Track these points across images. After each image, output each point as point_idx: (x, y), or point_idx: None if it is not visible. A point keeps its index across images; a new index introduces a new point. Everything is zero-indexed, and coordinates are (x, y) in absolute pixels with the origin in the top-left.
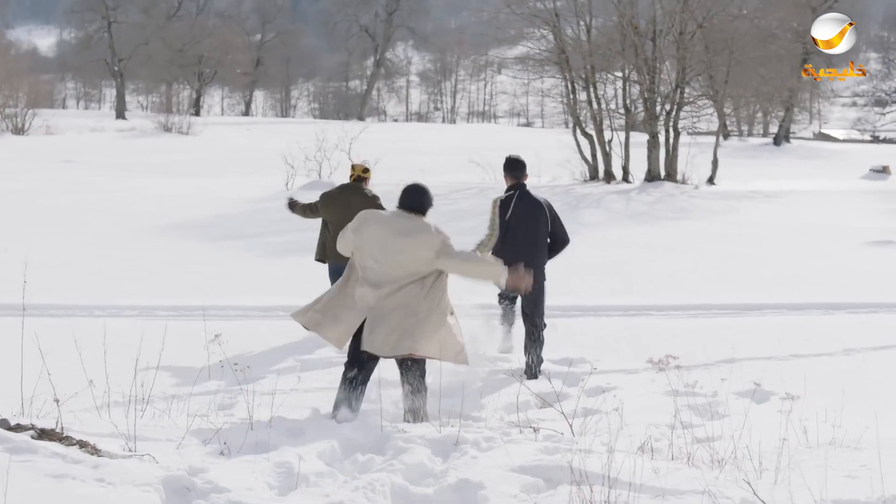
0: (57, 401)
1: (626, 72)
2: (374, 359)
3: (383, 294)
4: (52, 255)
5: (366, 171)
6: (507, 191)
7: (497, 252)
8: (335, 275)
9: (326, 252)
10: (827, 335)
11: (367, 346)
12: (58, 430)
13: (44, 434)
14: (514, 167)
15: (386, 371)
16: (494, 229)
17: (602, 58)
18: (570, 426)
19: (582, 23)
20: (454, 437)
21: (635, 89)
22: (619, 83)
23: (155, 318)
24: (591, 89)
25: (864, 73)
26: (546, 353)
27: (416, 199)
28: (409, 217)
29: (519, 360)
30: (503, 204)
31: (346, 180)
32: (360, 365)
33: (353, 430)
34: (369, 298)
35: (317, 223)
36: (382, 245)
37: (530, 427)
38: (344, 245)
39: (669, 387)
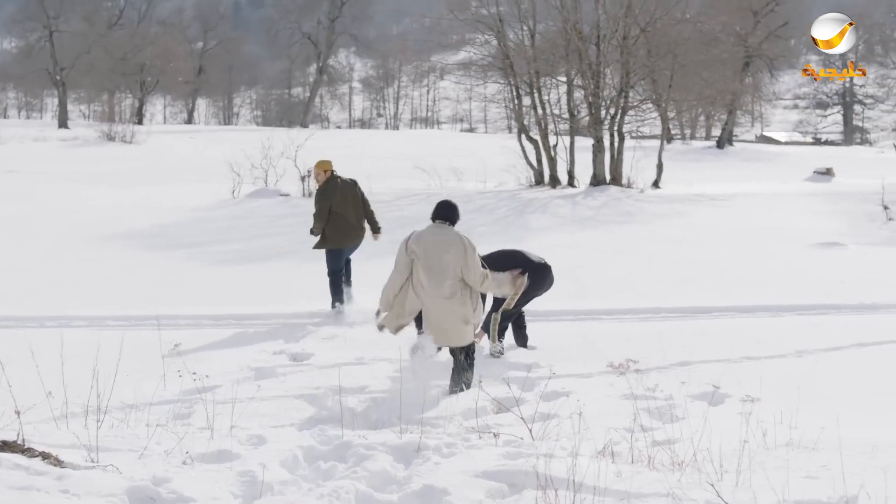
0: (17, 412)
1: (571, 76)
2: None
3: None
4: None
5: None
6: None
7: None
8: (333, 258)
9: (327, 239)
10: (778, 337)
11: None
12: (19, 442)
13: (5, 446)
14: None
15: (345, 380)
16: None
17: (546, 63)
18: (530, 431)
19: (525, 28)
20: (415, 443)
21: (579, 94)
22: (564, 88)
23: (107, 328)
24: (536, 94)
25: (863, 73)
26: (501, 358)
27: (448, 212)
28: (444, 229)
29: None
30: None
31: (313, 175)
32: None
33: (314, 437)
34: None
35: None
36: (429, 254)
37: (490, 432)
38: (400, 259)
39: (626, 390)
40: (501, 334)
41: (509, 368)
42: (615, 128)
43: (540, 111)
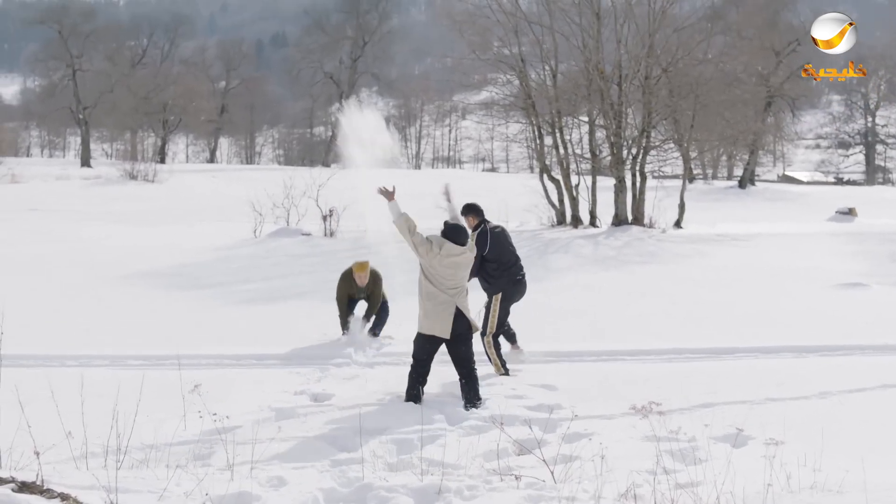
0: (37, 453)
1: (593, 116)
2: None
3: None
4: (21, 305)
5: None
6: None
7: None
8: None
9: None
10: (801, 378)
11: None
12: (38, 483)
13: (24, 487)
14: (478, 209)
15: (366, 421)
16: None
17: (568, 102)
18: (552, 473)
19: (547, 67)
20: (436, 485)
21: (601, 133)
22: (586, 128)
23: (127, 367)
24: (558, 134)
25: (864, 73)
26: (521, 399)
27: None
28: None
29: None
30: (479, 240)
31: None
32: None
33: (334, 479)
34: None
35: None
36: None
37: (512, 474)
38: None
39: (648, 432)
40: (499, 354)
41: (531, 410)
42: (637, 168)
43: (562, 151)
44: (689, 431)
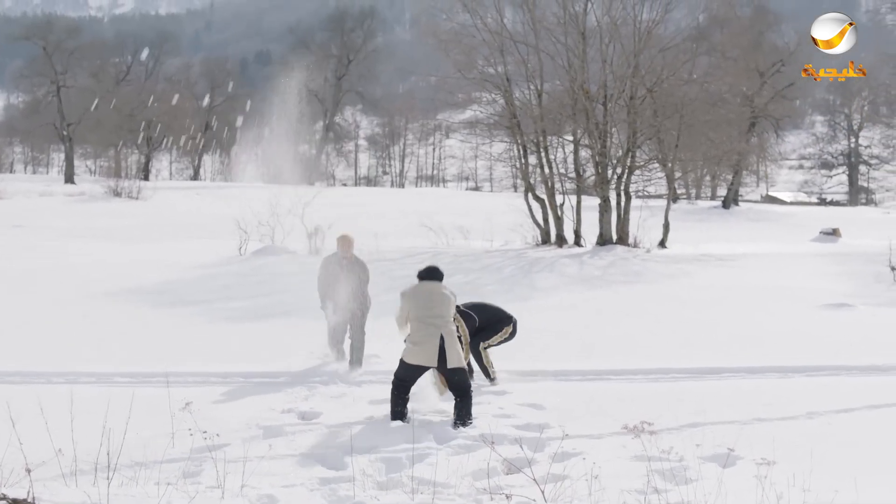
0: (28, 470)
1: (577, 136)
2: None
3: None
4: (7, 321)
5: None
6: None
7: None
8: None
9: None
10: (788, 399)
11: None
12: (29, 500)
13: None
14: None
15: (355, 439)
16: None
17: (553, 122)
18: (542, 492)
19: (532, 87)
20: None
21: (586, 153)
22: (570, 147)
23: (116, 384)
24: (542, 153)
25: (864, 73)
26: (510, 418)
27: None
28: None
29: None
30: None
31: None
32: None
33: (325, 498)
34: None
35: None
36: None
37: (502, 493)
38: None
39: (638, 451)
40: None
41: (519, 429)
42: (622, 187)
43: (546, 170)
44: (679, 451)
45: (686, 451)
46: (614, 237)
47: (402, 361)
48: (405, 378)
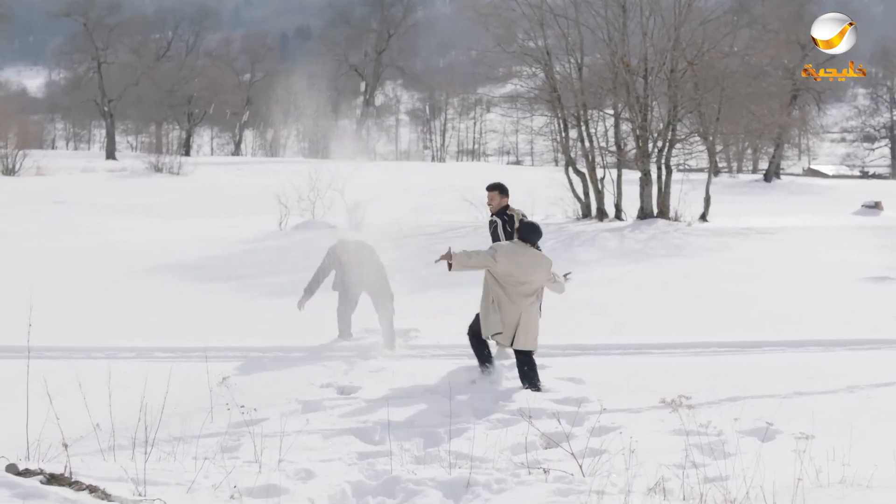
0: (65, 445)
1: (618, 109)
2: None
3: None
4: (47, 297)
5: None
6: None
7: None
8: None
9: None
10: (829, 372)
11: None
12: (66, 475)
13: (53, 479)
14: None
15: (393, 414)
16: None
17: (593, 95)
18: (580, 467)
19: (573, 60)
20: (465, 479)
21: (627, 127)
22: (611, 121)
23: (154, 359)
24: (583, 127)
25: (864, 73)
26: (548, 392)
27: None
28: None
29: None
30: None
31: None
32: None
33: (362, 472)
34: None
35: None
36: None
37: (540, 468)
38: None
39: (676, 425)
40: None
41: (558, 403)
42: (662, 161)
43: (587, 144)
44: (718, 425)
45: (725, 425)
46: (655, 211)
47: (477, 320)
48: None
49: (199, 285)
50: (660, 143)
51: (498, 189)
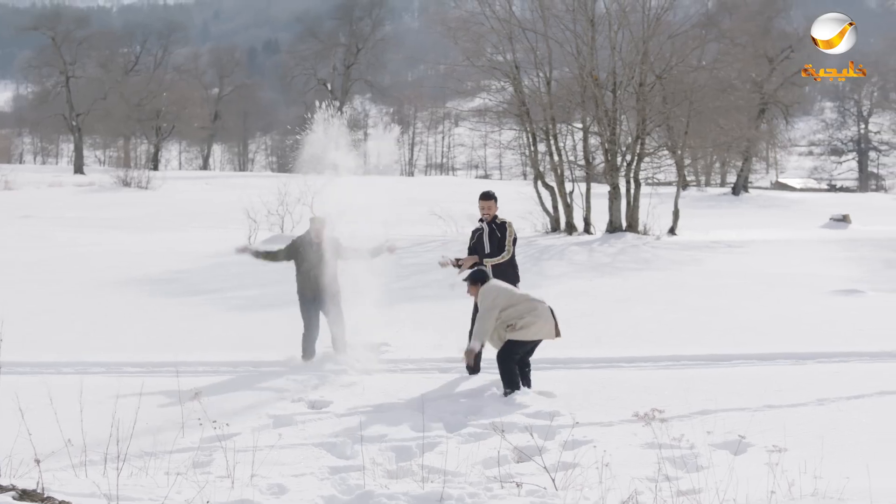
0: (37, 461)
1: (587, 123)
2: None
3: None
4: (17, 312)
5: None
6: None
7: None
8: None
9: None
10: (799, 385)
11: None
12: (38, 491)
13: (25, 495)
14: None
15: (365, 428)
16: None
17: (562, 109)
18: (553, 480)
19: (541, 74)
20: (438, 493)
21: (595, 140)
22: (580, 134)
23: (125, 374)
24: (552, 141)
25: (864, 73)
26: (520, 406)
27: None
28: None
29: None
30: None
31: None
32: None
33: (335, 487)
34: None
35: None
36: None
37: (513, 482)
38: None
39: (648, 439)
40: None
41: (530, 417)
42: (631, 174)
43: (556, 158)
44: (690, 438)
45: (697, 438)
46: (624, 224)
47: (515, 342)
48: (520, 352)
49: (169, 299)
50: (628, 157)
51: (495, 198)
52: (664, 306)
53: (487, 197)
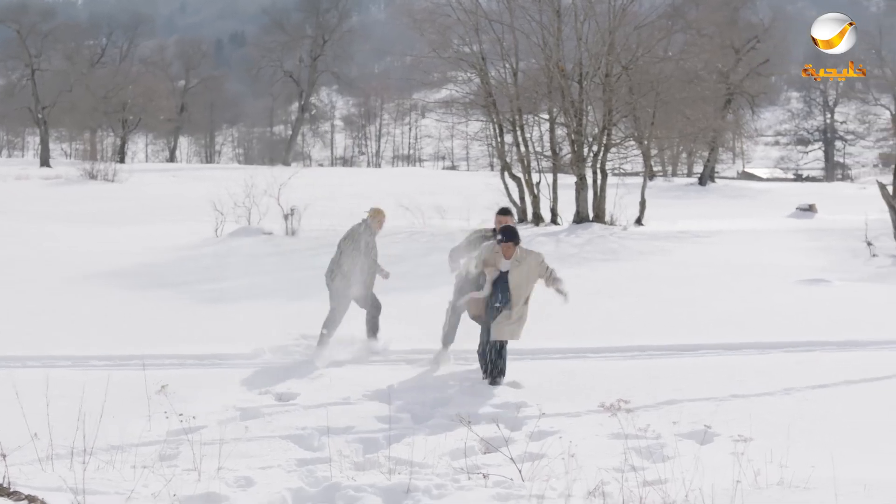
0: (3, 455)
1: (553, 114)
2: None
3: None
4: None
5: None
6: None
7: None
8: None
9: None
10: (765, 375)
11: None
12: (5, 485)
13: None
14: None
15: (332, 420)
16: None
17: (528, 100)
18: (520, 471)
19: (508, 65)
20: (405, 485)
21: (562, 131)
22: (546, 126)
23: (92, 368)
24: (518, 132)
25: (863, 73)
26: (487, 397)
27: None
28: None
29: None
30: None
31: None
32: None
33: (302, 479)
34: None
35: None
36: None
37: (480, 473)
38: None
39: (615, 429)
40: None
41: (497, 407)
42: (598, 165)
43: (523, 149)
44: (656, 429)
45: (663, 428)
46: (591, 215)
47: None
48: None
49: (135, 293)
50: (595, 148)
51: (512, 214)
52: (631, 297)
53: (506, 213)
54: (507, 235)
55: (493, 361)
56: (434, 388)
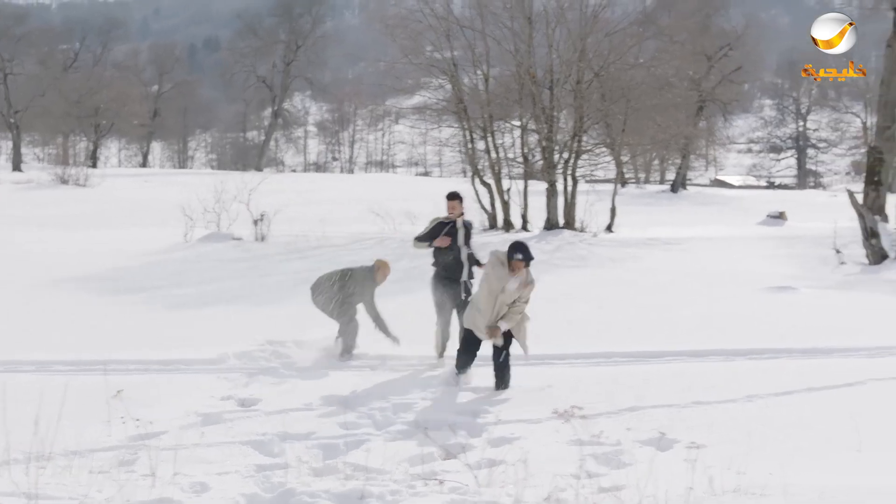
0: None
1: (524, 121)
2: None
3: None
4: None
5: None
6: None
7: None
8: None
9: None
10: (729, 382)
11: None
12: None
13: None
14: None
15: (292, 426)
16: None
17: (500, 107)
18: (476, 478)
19: (479, 72)
20: (359, 490)
21: (533, 138)
22: (517, 132)
23: (53, 373)
24: (490, 138)
25: (864, 73)
26: (447, 403)
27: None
28: None
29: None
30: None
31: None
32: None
33: (257, 485)
34: None
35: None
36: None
37: (435, 479)
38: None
39: (573, 436)
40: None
41: (459, 414)
42: (569, 172)
43: (494, 155)
44: (614, 435)
45: (622, 435)
46: (561, 222)
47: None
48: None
49: (103, 297)
50: (566, 155)
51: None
52: (599, 303)
53: (458, 197)
54: (525, 255)
55: (498, 370)
56: (396, 394)
